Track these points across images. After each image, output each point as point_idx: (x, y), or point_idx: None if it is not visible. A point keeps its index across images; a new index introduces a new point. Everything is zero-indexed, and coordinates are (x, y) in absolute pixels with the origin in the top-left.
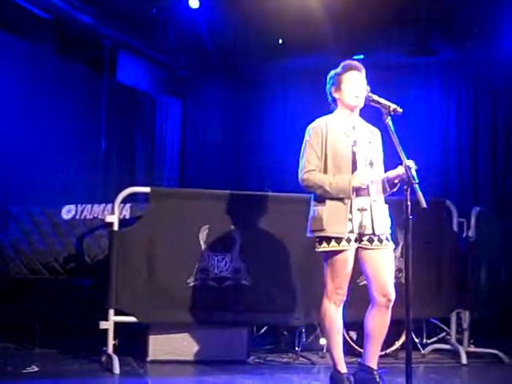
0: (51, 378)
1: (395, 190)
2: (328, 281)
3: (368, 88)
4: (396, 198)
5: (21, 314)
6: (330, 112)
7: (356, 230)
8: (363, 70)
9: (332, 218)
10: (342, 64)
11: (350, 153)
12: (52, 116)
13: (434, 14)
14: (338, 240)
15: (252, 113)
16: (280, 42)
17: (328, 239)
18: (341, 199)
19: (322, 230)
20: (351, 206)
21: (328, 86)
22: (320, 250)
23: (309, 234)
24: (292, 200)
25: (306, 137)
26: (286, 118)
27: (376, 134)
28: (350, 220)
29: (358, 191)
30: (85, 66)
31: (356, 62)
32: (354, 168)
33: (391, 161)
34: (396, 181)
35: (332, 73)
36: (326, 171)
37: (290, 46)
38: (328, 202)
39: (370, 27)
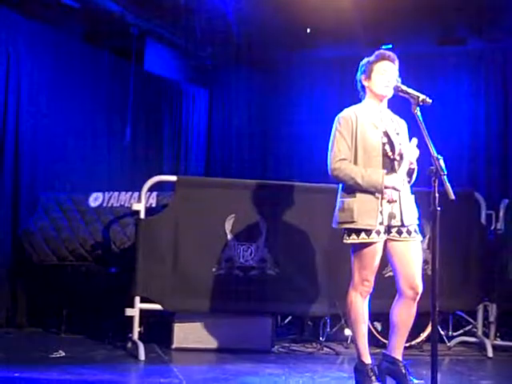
0: (78, 363)
1: (412, 180)
2: (355, 272)
3: (399, 80)
4: (424, 189)
5: (48, 300)
6: (358, 101)
7: (385, 222)
8: (396, 61)
9: (363, 210)
10: (375, 53)
11: (380, 144)
12: (79, 104)
13: (462, 3)
14: (368, 232)
15: (279, 102)
16: (308, 31)
17: (357, 231)
18: (371, 192)
19: (353, 221)
20: (382, 198)
21: (358, 74)
22: (349, 241)
23: (335, 225)
24: (319, 190)
25: (336, 125)
26: (313, 108)
27: (402, 124)
28: (381, 212)
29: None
30: (112, 54)
31: (390, 53)
32: (384, 160)
33: (420, 152)
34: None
35: (365, 60)
36: (355, 162)
37: (317, 35)
38: (358, 193)
39: (398, 16)
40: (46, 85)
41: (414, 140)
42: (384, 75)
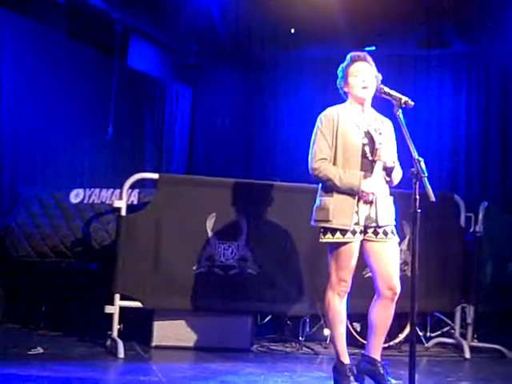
0: (56, 360)
1: (395, 181)
2: (332, 272)
3: (380, 77)
4: (404, 190)
5: (28, 296)
6: (342, 102)
7: (362, 223)
8: (371, 61)
9: (339, 210)
10: (348, 56)
11: (360, 144)
12: (62, 100)
13: (447, 6)
14: (343, 232)
15: (263, 101)
16: (292, 31)
17: (333, 230)
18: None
19: (328, 220)
20: (358, 199)
21: (338, 81)
22: (324, 240)
23: (313, 223)
24: (300, 190)
25: (318, 124)
26: (297, 107)
27: (387, 124)
28: (357, 212)
29: (364, 179)
30: (96, 50)
31: (362, 53)
32: (363, 161)
33: (402, 153)
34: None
35: (340, 67)
36: (335, 161)
37: (301, 36)
38: (336, 193)
39: (382, 18)
40: (28, 80)
41: (385, 140)
42: (358, 76)
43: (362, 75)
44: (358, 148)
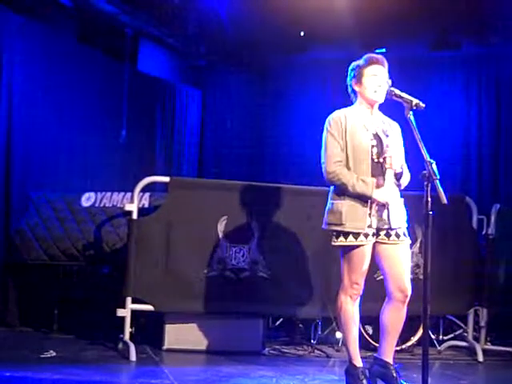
0: (68, 364)
1: (403, 185)
2: (345, 275)
3: (389, 82)
4: (416, 193)
5: (40, 299)
6: (351, 104)
7: (374, 225)
8: (386, 64)
9: (352, 213)
10: (364, 57)
11: (369, 146)
12: (73, 104)
13: (457, 8)
14: (356, 235)
15: (272, 103)
16: (302, 34)
17: (345, 234)
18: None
19: (341, 224)
20: (371, 202)
21: (349, 78)
22: (336, 244)
23: (324, 227)
24: (311, 192)
25: (327, 127)
26: (306, 110)
27: (395, 127)
28: (369, 215)
29: (377, 186)
30: (106, 54)
31: (379, 56)
32: (372, 163)
33: (413, 156)
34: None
35: (354, 64)
36: (346, 163)
37: (311, 38)
38: (348, 196)
39: (392, 20)
40: (39, 84)
41: (392, 143)
42: (374, 80)
43: (378, 79)
44: (367, 150)
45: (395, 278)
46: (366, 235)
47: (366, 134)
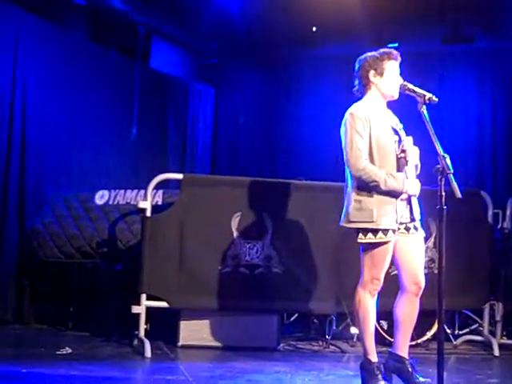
0: (84, 360)
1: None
2: (366, 270)
3: (400, 80)
4: (430, 187)
5: (55, 297)
6: (361, 98)
7: (399, 221)
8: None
9: (382, 210)
10: (385, 50)
11: (392, 141)
12: (85, 102)
13: (470, 1)
14: (386, 231)
15: (285, 100)
16: (314, 29)
17: (375, 231)
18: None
19: (372, 221)
20: (397, 197)
21: (365, 69)
22: (364, 241)
23: (347, 224)
24: (325, 188)
25: (351, 123)
26: (319, 105)
27: (400, 125)
28: (396, 211)
29: None
30: (118, 52)
31: (397, 52)
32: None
33: (426, 150)
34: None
35: (369, 56)
36: (371, 159)
37: (323, 34)
38: (376, 193)
39: (404, 14)
40: (52, 82)
41: (409, 139)
42: (396, 75)
43: (398, 75)
44: (392, 145)
45: (409, 271)
46: (394, 231)
47: (388, 129)
